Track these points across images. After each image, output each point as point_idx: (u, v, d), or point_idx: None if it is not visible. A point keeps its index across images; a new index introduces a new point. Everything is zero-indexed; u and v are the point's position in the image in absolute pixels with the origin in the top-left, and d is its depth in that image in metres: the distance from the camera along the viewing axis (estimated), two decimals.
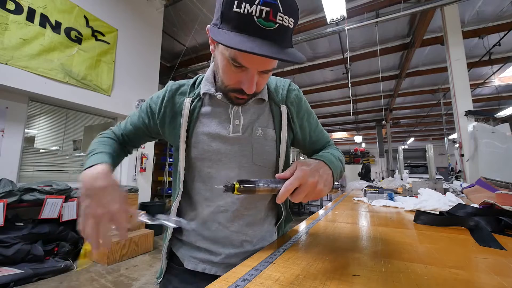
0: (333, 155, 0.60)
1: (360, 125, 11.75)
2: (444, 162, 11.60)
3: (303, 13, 4.28)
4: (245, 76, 0.49)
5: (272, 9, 0.40)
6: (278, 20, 0.41)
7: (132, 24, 3.89)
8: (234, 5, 0.41)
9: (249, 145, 0.61)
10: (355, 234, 0.69)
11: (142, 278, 2.48)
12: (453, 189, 1.90)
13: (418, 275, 0.41)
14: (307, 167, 0.46)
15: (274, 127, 0.63)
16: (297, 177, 0.43)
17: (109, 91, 3.50)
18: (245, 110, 0.61)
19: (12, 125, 2.75)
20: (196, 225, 0.63)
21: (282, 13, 0.41)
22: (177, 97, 0.63)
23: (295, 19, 0.45)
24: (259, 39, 0.42)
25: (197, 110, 0.61)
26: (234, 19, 0.42)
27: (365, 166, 8.16)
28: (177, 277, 0.64)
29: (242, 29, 0.42)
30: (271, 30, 0.42)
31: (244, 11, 0.41)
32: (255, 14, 0.40)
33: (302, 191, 0.44)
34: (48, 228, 2.62)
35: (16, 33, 2.62)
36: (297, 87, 0.69)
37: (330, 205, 1.31)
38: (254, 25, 0.41)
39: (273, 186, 0.44)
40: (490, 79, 5.91)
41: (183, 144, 0.60)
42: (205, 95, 0.62)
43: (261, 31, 0.42)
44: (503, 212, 0.74)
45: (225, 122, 0.60)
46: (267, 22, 0.41)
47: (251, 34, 0.42)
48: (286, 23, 0.43)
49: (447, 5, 3.39)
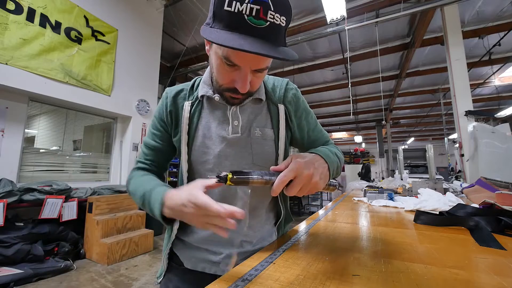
0: (330, 150, 0.59)
1: (360, 125, 11.75)
2: (444, 162, 11.60)
3: (303, 13, 4.28)
4: (238, 75, 0.49)
5: (263, 7, 0.41)
6: (269, 18, 0.42)
7: (132, 24, 3.89)
8: (225, 4, 0.41)
9: (248, 146, 0.61)
10: (355, 234, 0.69)
11: (142, 278, 2.48)
12: (453, 189, 1.90)
13: (418, 275, 0.41)
14: (302, 159, 0.45)
15: (272, 127, 0.64)
16: (291, 169, 0.43)
17: (109, 91, 3.50)
18: (243, 111, 0.61)
19: (12, 125, 2.75)
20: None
21: (273, 11, 0.42)
22: (178, 101, 0.64)
23: (288, 17, 0.45)
24: (251, 37, 0.42)
25: (197, 113, 0.61)
26: (226, 17, 0.43)
27: (365, 166, 8.15)
28: (177, 276, 0.65)
29: (233, 28, 0.42)
30: (262, 28, 0.42)
31: (234, 9, 0.41)
32: (245, 12, 0.41)
33: (297, 183, 0.43)
34: (48, 228, 2.62)
35: (16, 33, 2.62)
36: (294, 86, 0.69)
37: (330, 205, 1.31)
38: (245, 23, 0.41)
39: (267, 178, 0.43)
40: (490, 79, 5.91)
41: (185, 147, 0.61)
42: (203, 98, 0.62)
43: (252, 29, 0.42)
44: (503, 212, 0.74)
45: (224, 124, 0.61)
46: (257, 20, 0.41)
47: (242, 32, 0.42)
48: (277, 21, 0.43)
49: (447, 5, 3.39)
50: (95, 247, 2.87)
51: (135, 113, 3.90)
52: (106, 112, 3.63)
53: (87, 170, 3.64)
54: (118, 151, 3.91)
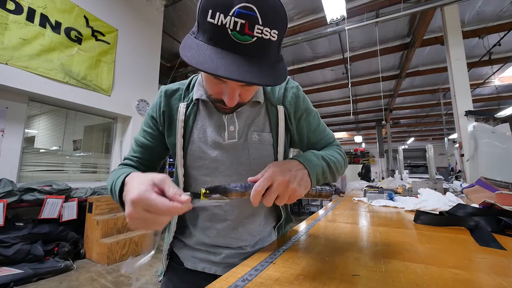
0: (315, 154, 0.53)
1: (360, 125, 11.75)
2: (444, 162, 11.60)
3: (303, 13, 4.27)
4: (225, 88, 0.45)
5: (248, 21, 0.36)
6: (256, 33, 0.37)
7: (132, 24, 3.89)
8: (208, 15, 0.37)
9: (246, 151, 0.59)
10: (355, 234, 0.69)
11: (142, 278, 2.48)
12: (453, 189, 1.90)
13: (418, 275, 0.41)
14: (277, 167, 0.43)
15: (270, 130, 0.60)
16: (265, 177, 0.41)
17: (109, 91, 3.50)
18: (239, 115, 0.58)
19: (12, 125, 2.75)
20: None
21: (261, 25, 0.37)
22: (173, 101, 0.61)
23: (280, 30, 0.40)
24: (233, 54, 0.38)
25: (192, 116, 0.59)
26: (209, 30, 0.39)
27: (365, 166, 8.15)
28: (178, 276, 0.65)
29: (216, 42, 0.39)
30: (248, 44, 0.38)
31: (218, 22, 0.37)
32: (229, 27, 0.36)
33: (273, 191, 0.41)
34: (48, 228, 2.62)
35: (16, 33, 2.62)
36: (296, 84, 0.64)
37: (330, 205, 1.31)
38: (228, 38, 0.37)
39: (242, 190, 0.41)
40: (490, 79, 5.91)
41: (180, 151, 0.59)
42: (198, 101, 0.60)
43: (235, 46, 0.38)
44: (503, 212, 0.74)
45: (220, 129, 0.58)
46: (242, 36, 0.37)
47: (225, 48, 0.38)
48: (266, 36, 0.38)
49: (447, 5, 3.39)
50: (95, 247, 2.87)
51: (135, 113, 3.90)
52: (106, 112, 3.63)
53: (87, 170, 3.63)
54: (118, 151, 3.90)
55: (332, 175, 0.55)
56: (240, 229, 0.62)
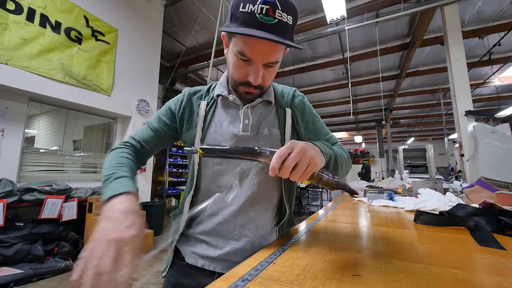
0: (326, 144, 0.60)
1: (360, 125, 11.75)
2: (444, 162, 11.58)
3: (303, 13, 4.27)
4: (251, 69, 0.56)
5: (271, 6, 0.49)
6: (277, 15, 0.50)
7: (132, 24, 3.89)
8: (240, 6, 0.50)
9: (256, 144, 0.65)
10: (355, 234, 0.69)
11: (142, 278, 2.48)
12: (453, 189, 1.90)
13: (418, 275, 0.41)
14: (294, 141, 0.46)
15: (279, 128, 0.68)
16: (287, 146, 0.44)
17: (109, 91, 3.50)
18: (253, 111, 0.67)
19: (12, 125, 2.75)
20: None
21: (280, 10, 0.50)
22: (194, 100, 0.70)
23: (294, 17, 0.52)
24: (262, 31, 0.50)
25: (211, 112, 0.67)
26: (240, 17, 0.51)
27: (365, 166, 8.15)
28: (179, 271, 0.68)
29: (247, 24, 0.51)
30: (272, 24, 0.50)
31: (248, 10, 0.50)
32: (257, 12, 0.49)
33: (293, 157, 0.43)
34: (48, 228, 2.62)
35: (16, 33, 2.62)
36: (302, 94, 0.75)
37: (330, 205, 1.31)
38: (256, 20, 0.50)
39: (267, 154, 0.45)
40: (490, 79, 5.91)
41: (198, 143, 0.65)
42: (218, 97, 0.69)
43: (263, 25, 0.50)
44: (503, 212, 0.74)
45: (235, 122, 0.66)
46: (267, 17, 0.49)
47: (255, 27, 0.50)
48: (284, 19, 0.51)
49: (447, 5, 3.39)
50: None
51: (135, 113, 3.90)
52: (106, 112, 3.63)
53: (87, 170, 3.63)
54: None
55: (336, 166, 0.61)
56: (244, 216, 0.64)
